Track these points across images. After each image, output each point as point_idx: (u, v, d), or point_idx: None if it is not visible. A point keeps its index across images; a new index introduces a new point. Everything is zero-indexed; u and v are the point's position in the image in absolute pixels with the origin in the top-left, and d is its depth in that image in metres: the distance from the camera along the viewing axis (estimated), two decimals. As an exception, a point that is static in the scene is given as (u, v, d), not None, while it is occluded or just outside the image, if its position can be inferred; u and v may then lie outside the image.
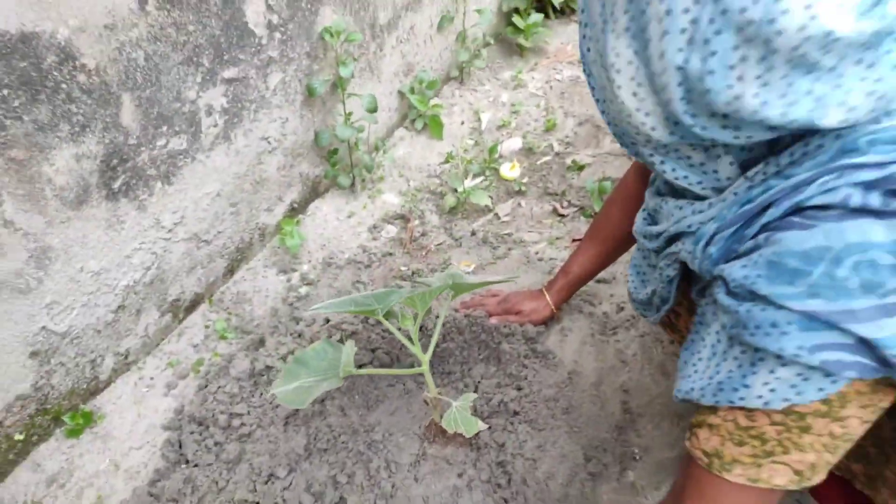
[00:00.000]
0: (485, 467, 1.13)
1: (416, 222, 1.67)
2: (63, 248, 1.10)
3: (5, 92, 0.92)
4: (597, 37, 0.63)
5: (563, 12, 2.37)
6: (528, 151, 1.88)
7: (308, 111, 1.53)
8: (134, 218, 1.20)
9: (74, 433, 1.23)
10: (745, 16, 0.52)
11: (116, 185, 1.14)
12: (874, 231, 0.56)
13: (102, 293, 1.20)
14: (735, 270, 0.64)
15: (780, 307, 0.60)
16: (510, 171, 1.78)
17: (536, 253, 1.56)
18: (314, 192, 1.69)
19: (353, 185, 1.71)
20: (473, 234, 1.64)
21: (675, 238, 0.80)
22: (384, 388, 1.26)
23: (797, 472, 0.68)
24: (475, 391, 1.22)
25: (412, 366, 1.28)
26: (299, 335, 1.36)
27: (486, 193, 1.69)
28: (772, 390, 0.64)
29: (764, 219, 0.63)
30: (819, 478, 0.69)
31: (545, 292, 1.32)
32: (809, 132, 0.61)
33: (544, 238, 1.61)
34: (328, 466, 1.15)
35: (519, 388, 1.23)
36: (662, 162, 0.70)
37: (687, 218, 0.75)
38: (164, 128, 1.19)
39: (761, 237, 0.63)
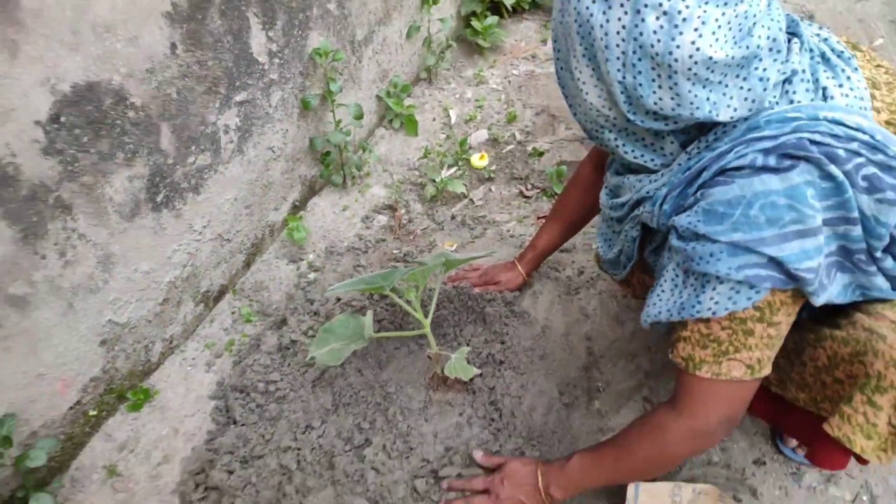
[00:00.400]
0: (480, 406, 1.41)
1: (403, 211, 1.92)
2: (122, 254, 1.33)
3: (77, 131, 1.15)
4: (565, 59, 0.90)
5: (516, 11, 2.62)
6: (493, 142, 2.14)
7: (303, 122, 1.77)
8: (173, 224, 1.43)
9: (136, 407, 1.47)
10: (654, 49, 0.79)
11: (159, 198, 1.37)
12: (772, 182, 0.84)
13: (151, 289, 1.44)
14: (682, 219, 0.91)
15: (714, 241, 0.87)
16: (479, 160, 2.04)
17: (508, 231, 1.83)
18: (312, 190, 1.93)
19: (344, 182, 1.95)
20: (453, 218, 1.90)
21: (637, 204, 1.06)
22: (391, 351, 1.52)
23: (749, 367, 0.94)
24: (468, 346, 1.49)
25: (414, 330, 1.54)
26: (315, 313, 1.61)
27: (460, 182, 1.95)
28: (716, 303, 0.91)
29: (700, 180, 0.90)
30: (766, 371, 0.95)
31: (517, 263, 1.59)
32: None
33: (513, 217, 1.88)
34: (353, 416, 1.41)
35: (503, 342, 1.51)
36: (624, 144, 0.96)
37: (646, 186, 1.01)
38: (193, 148, 1.42)
39: (699, 193, 0.90)
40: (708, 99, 0.83)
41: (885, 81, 0.97)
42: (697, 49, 0.78)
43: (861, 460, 1.03)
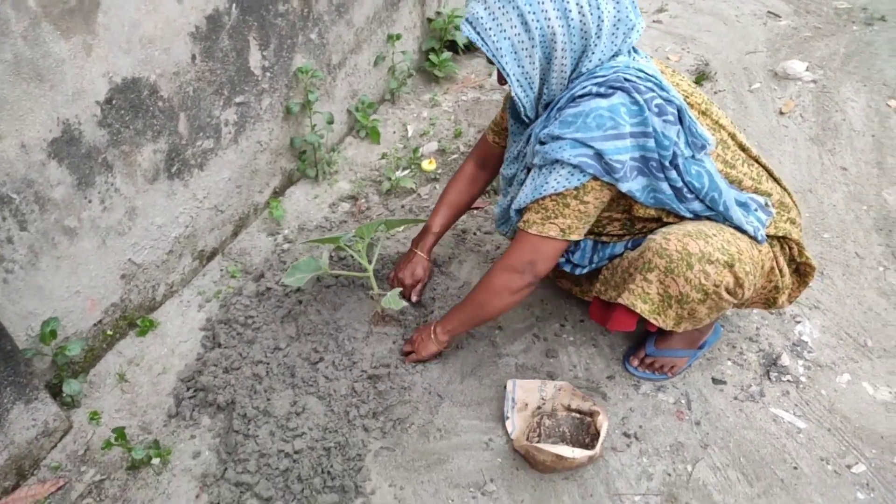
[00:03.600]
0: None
1: (363, 200, 2.39)
2: (143, 208, 1.77)
3: (122, 112, 1.60)
4: (532, 57, 1.34)
5: (469, 49, 3.14)
6: (441, 151, 2.63)
7: (286, 124, 2.24)
8: (181, 192, 1.88)
9: (142, 333, 1.89)
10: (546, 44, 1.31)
11: (174, 169, 1.82)
12: (601, 102, 1.31)
13: (161, 240, 1.88)
14: (545, 130, 1.37)
15: (563, 138, 1.33)
16: (428, 165, 2.52)
17: (445, 217, 2.30)
18: (290, 180, 2.39)
19: (317, 176, 2.42)
20: (403, 207, 2.36)
21: (526, 143, 1.53)
22: (344, 298, 1.97)
23: (561, 230, 1.41)
24: (401, 293, 1.93)
25: (362, 273, 1.99)
26: (286, 269, 2.05)
27: (411, 180, 2.42)
28: (557, 182, 1.37)
29: (558, 106, 1.38)
30: (574, 237, 1.42)
31: (415, 249, 1.91)
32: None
33: (451, 208, 2.35)
34: (311, 343, 1.84)
35: (433, 290, 1.96)
36: (532, 111, 1.45)
37: (531, 128, 1.48)
38: (201, 134, 1.88)
39: (557, 114, 1.38)
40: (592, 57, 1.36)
41: (668, 74, 1.51)
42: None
43: (649, 326, 1.50)
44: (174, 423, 1.70)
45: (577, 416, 1.61)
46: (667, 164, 1.35)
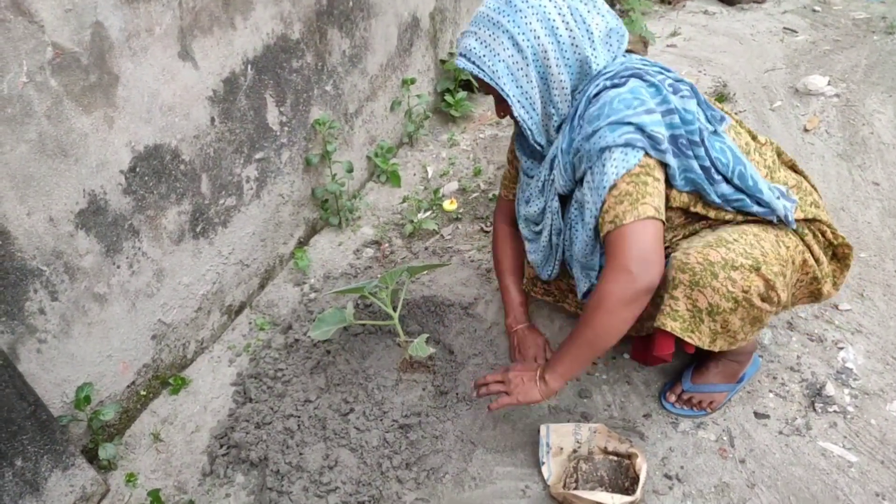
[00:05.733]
0: (439, 382, 1.83)
1: (386, 245, 2.40)
2: (170, 269, 1.80)
3: (146, 178, 1.64)
4: (529, 76, 1.39)
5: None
6: (462, 191, 2.63)
7: (307, 175, 2.27)
8: (207, 250, 1.91)
9: (175, 391, 1.90)
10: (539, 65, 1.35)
11: (198, 229, 1.85)
12: (619, 90, 1.33)
13: (189, 299, 1.90)
14: (578, 136, 1.38)
15: (598, 129, 1.32)
16: (450, 205, 2.53)
17: (469, 257, 2.29)
18: (313, 229, 2.42)
19: (340, 223, 2.44)
20: (426, 249, 2.36)
21: (550, 170, 1.52)
22: (372, 346, 1.96)
23: (655, 209, 1.29)
24: (427, 334, 1.92)
25: (387, 321, 1.98)
26: (314, 320, 2.06)
27: (433, 222, 2.43)
28: (615, 167, 1.32)
29: (578, 113, 1.39)
30: (662, 217, 1.30)
31: (515, 328, 1.86)
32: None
33: (474, 247, 2.34)
34: (341, 393, 1.83)
35: (459, 334, 1.94)
36: (540, 135, 1.48)
37: (551, 150, 1.50)
38: (223, 192, 1.91)
39: (581, 120, 1.39)
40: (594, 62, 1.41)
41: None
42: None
43: (687, 347, 1.43)
44: (209, 482, 1.69)
45: (615, 458, 1.56)
46: (695, 139, 1.35)
